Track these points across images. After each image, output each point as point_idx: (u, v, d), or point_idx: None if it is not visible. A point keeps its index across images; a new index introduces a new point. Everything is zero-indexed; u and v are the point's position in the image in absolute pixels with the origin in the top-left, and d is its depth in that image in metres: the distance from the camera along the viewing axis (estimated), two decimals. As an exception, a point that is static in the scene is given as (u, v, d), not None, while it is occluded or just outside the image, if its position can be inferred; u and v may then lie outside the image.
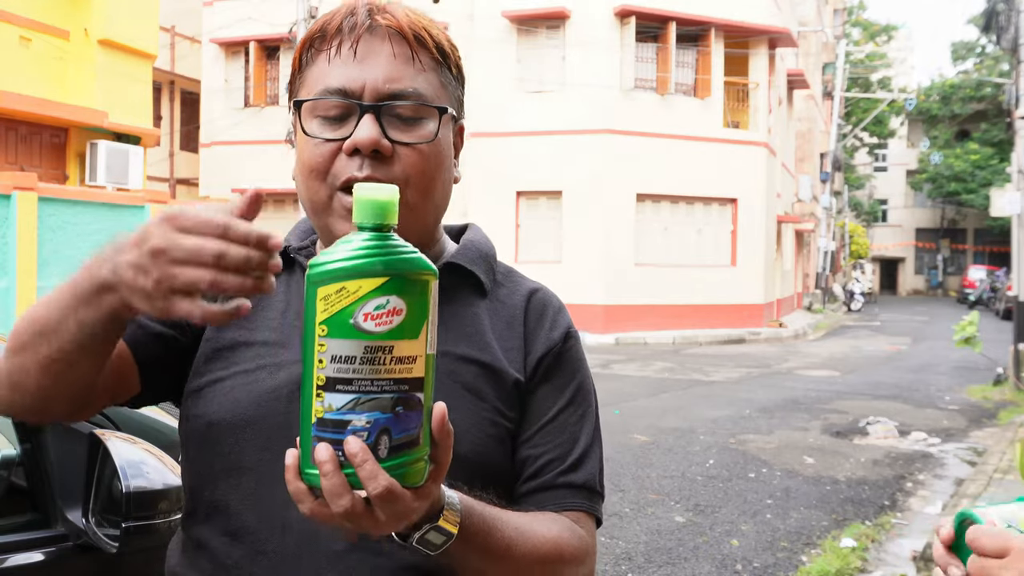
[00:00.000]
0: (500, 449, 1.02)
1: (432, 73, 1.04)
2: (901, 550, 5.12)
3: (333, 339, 0.73)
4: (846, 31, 42.11)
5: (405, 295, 0.74)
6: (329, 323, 0.73)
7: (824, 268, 31.84)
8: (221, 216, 0.77)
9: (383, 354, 0.73)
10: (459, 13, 18.38)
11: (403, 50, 1.02)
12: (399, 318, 0.73)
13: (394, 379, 0.73)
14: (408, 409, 0.74)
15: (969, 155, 41.27)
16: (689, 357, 15.19)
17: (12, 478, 1.87)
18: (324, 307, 0.73)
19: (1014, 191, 12.74)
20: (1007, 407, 10.20)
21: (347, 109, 1.00)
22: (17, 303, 9.75)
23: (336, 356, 0.73)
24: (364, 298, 0.73)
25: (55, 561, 1.73)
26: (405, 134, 1.00)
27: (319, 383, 0.73)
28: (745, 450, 7.54)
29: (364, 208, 0.76)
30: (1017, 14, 12.75)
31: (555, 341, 1.10)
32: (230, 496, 0.99)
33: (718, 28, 18.98)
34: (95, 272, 0.86)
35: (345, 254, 0.74)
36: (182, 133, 22.71)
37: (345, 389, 0.73)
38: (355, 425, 0.72)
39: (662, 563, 4.69)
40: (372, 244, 0.75)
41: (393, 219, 0.76)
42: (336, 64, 1.01)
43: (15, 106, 11.55)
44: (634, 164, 18.20)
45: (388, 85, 1.00)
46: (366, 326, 0.73)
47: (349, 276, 0.73)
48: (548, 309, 1.12)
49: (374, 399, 0.73)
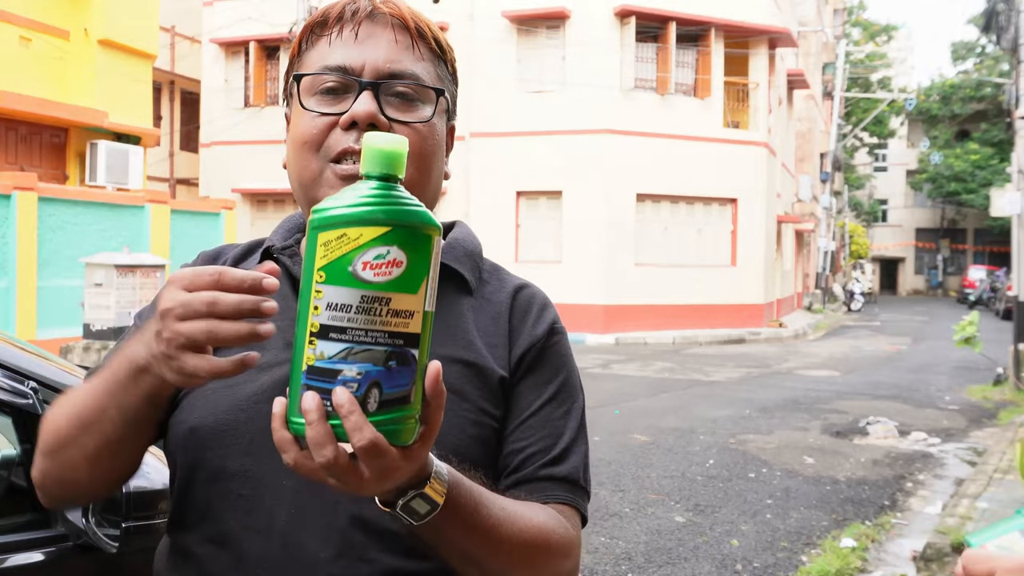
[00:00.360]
0: (482, 449, 1.01)
1: (430, 64, 1.05)
2: (901, 550, 5.12)
3: (330, 286, 0.72)
4: (846, 31, 42.11)
5: (407, 247, 0.73)
6: (327, 269, 0.72)
7: (824, 268, 31.85)
8: (215, 267, 0.78)
9: (380, 305, 0.72)
10: (459, 13, 18.39)
11: (404, 38, 1.03)
12: (399, 270, 0.72)
13: (389, 332, 0.72)
14: (401, 364, 0.73)
15: (969, 155, 41.28)
16: (689, 357, 15.19)
17: (12, 478, 1.87)
18: (324, 253, 0.72)
19: (1014, 191, 12.74)
20: (1007, 407, 10.20)
21: (346, 85, 1.01)
22: (17, 303, 9.75)
23: (332, 303, 0.72)
24: (365, 246, 0.72)
25: (55, 561, 1.73)
26: (402, 113, 1.01)
27: (313, 330, 0.72)
28: (745, 450, 7.54)
29: (372, 156, 0.75)
30: (1017, 14, 12.75)
31: (539, 336, 1.08)
32: (214, 502, 0.98)
33: (718, 28, 18.98)
34: (131, 355, 0.85)
35: (349, 200, 0.73)
36: (182, 133, 22.72)
37: (338, 338, 0.71)
38: (345, 375, 0.71)
39: (662, 563, 4.69)
40: (377, 193, 0.74)
41: (401, 170, 0.75)
42: (337, 45, 1.02)
43: (15, 106, 11.55)
44: (634, 164, 18.20)
45: (388, 65, 1.01)
46: (365, 275, 0.71)
47: (351, 223, 0.72)
48: (533, 305, 1.11)
49: (367, 350, 0.71)
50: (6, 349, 1.86)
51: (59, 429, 0.94)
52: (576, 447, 1.07)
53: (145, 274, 8.99)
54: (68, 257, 10.29)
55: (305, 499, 0.95)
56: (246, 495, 0.96)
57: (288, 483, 0.95)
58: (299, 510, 0.95)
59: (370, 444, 0.71)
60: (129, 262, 8.90)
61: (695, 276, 18.96)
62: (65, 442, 0.93)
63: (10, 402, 1.76)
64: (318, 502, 0.95)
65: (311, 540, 0.94)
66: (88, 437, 0.91)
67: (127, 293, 8.80)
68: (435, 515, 0.83)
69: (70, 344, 8.79)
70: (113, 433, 0.90)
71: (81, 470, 0.94)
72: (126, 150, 12.69)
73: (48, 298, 10.09)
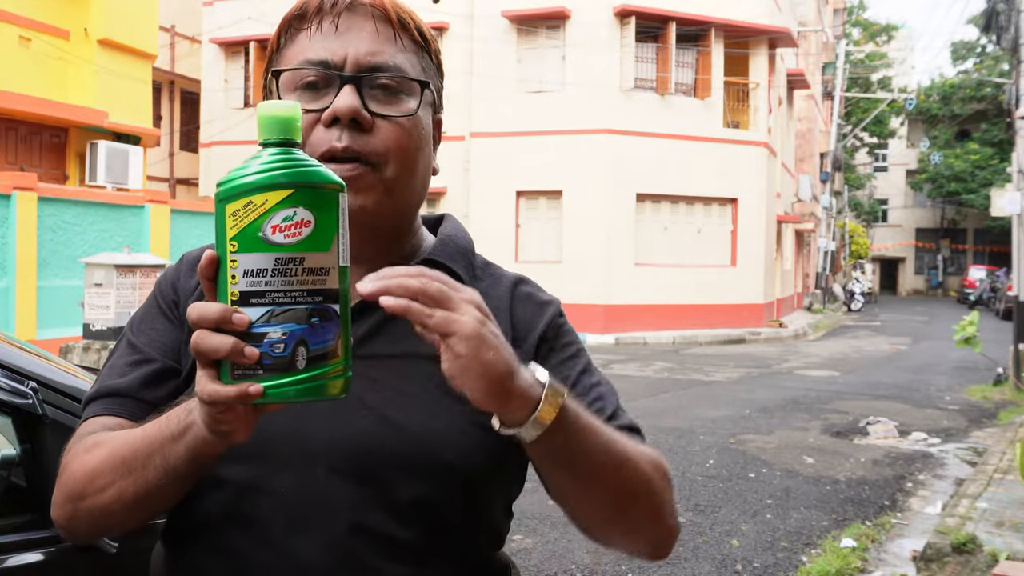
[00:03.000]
0: (488, 453, 0.97)
1: (413, 55, 1.02)
2: (901, 550, 5.12)
3: (244, 254, 0.73)
4: (846, 31, 42.11)
5: (312, 207, 0.74)
6: (239, 238, 0.73)
7: (824, 268, 31.86)
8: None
9: (294, 265, 0.73)
10: (459, 13, 18.39)
11: (386, 29, 1.00)
12: (308, 230, 0.74)
13: (307, 290, 0.74)
14: (324, 320, 0.74)
15: (969, 155, 41.28)
16: (689, 357, 15.19)
17: (12, 478, 1.87)
18: (233, 223, 0.74)
19: (1014, 191, 12.74)
20: (1007, 407, 10.20)
21: (327, 80, 0.98)
22: (17, 303, 9.75)
23: (248, 270, 0.73)
24: (271, 211, 0.73)
25: (55, 561, 1.73)
26: (385, 107, 0.98)
27: (233, 298, 0.73)
28: (745, 450, 7.54)
29: (267, 124, 0.76)
30: (1017, 14, 12.75)
31: (550, 318, 1.08)
32: (210, 511, 0.96)
33: (718, 28, 18.98)
34: (187, 406, 0.85)
35: (251, 169, 0.75)
36: (182, 133, 22.72)
37: (259, 302, 0.73)
38: (271, 337, 0.73)
39: (662, 563, 4.69)
40: (277, 158, 0.75)
41: (296, 135, 0.77)
42: (317, 38, 0.99)
43: (15, 106, 11.55)
44: (634, 164, 18.19)
45: (369, 58, 0.98)
46: (275, 238, 0.73)
47: (255, 190, 0.73)
48: (534, 295, 1.10)
49: (289, 310, 0.73)
50: (6, 349, 1.86)
51: (97, 471, 0.92)
52: (621, 406, 1.08)
53: (145, 274, 8.98)
54: (68, 257, 10.29)
55: (304, 508, 0.93)
56: (243, 505, 0.94)
57: (286, 491, 0.93)
58: (298, 519, 0.93)
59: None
60: (129, 262, 8.89)
61: (695, 276, 18.96)
62: (102, 485, 0.91)
63: (10, 402, 1.76)
64: (317, 511, 0.93)
65: (311, 549, 0.92)
66: (128, 482, 0.89)
67: (127, 293, 8.79)
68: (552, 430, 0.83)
69: (70, 344, 8.79)
70: (155, 482, 0.88)
71: (116, 514, 0.93)
72: (126, 150, 12.69)
73: (48, 298, 10.09)
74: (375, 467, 0.94)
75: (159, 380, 1.02)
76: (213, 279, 0.75)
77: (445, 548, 0.97)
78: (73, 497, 0.94)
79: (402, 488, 0.94)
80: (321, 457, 0.94)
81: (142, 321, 1.07)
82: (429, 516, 0.95)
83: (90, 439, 0.96)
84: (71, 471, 0.95)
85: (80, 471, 0.94)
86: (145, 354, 1.03)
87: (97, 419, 1.01)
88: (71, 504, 0.95)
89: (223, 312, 0.73)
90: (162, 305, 1.06)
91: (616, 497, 0.93)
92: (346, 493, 0.93)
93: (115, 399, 1.02)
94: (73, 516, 0.95)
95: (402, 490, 0.94)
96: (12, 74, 11.59)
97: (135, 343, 1.05)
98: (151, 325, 1.06)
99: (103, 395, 1.02)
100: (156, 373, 1.02)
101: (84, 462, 0.94)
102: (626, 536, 1.00)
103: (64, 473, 0.96)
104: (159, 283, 1.09)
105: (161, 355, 1.03)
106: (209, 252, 0.75)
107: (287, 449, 0.94)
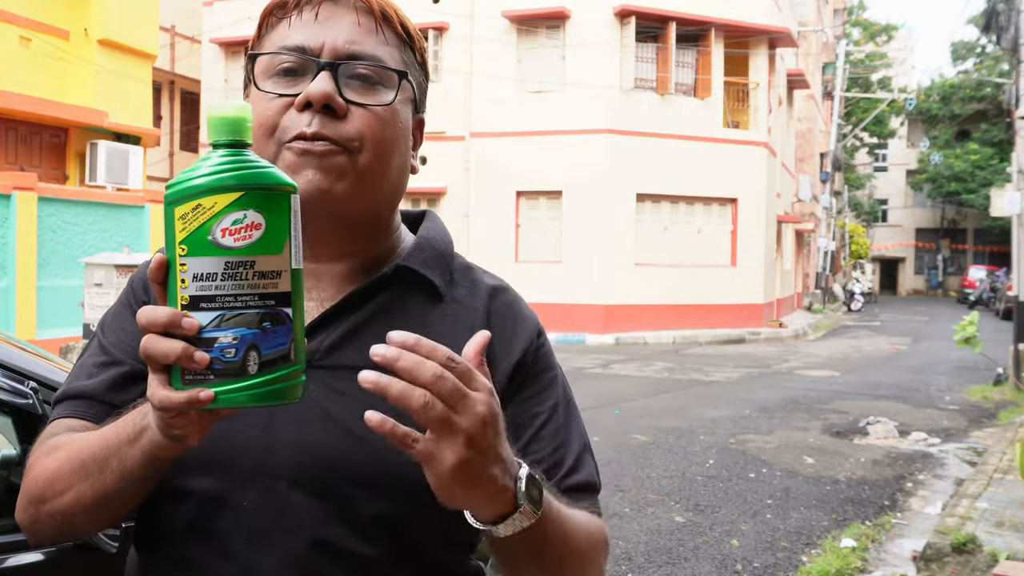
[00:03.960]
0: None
1: (395, 49, 1.00)
2: (901, 550, 5.12)
3: (193, 258, 0.72)
4: (846, 31, 42.11)
5: (263, 209, 0.73)
6: (188, 242, 0.72)
7: (824, 268, 31.85)
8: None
9: (245, 269, 0.72)
10: (459, 13, 18.39)
11: (368, 21, 0.99)
12: (258, 232, 0.73)
13: (259, 294, 0.73)
14: (276, 324, 0.73)
15: (969, 155, 41.28)
16: (689, 357, 15.19)
17: (12, 478, 1.87)
18: (182, 226, 0.72)
19: (1014, 191, 12.74)
20: (1007, 407, 10.20)
21: (303, 66, 0.96)
22: (17, 303, 9.75)
23: (197, 274, 0.72)
24: (220, 213, 0.72)
25: (55, 561, 1.73)
26: (361, 96, 0.96)
27: (183, 302, 0.72)
28: (745, 450, 7.54)
29: (216, 125, 0.74)
30: (1017, 14, 12.75)
31: (527, 344, 1.04)
32: (175, 524, 0.95)
33: (718, 28, 18.98)
34: (142, 408, 0.84)
35: (200, 171, 0.73)
36: (182, 133, 22.72)
37: (209, 307, 0.72)
38: (222, 342, 0.72)
39: (662, 563, 4.69)
40: (225, 160, 0.73)
41: (247, 135, 0.75)
42: (296, 26, 0.98)
43: (15, 106, 11.55)
44: (634, 164, 18.19)
45: (348, 46, 0.96)
46: (224, 242, 0.72)
47: (203, 193, 0.72)
48: (514, 307, 1.06)
49: (239, 315, 0.72)
50: (6, 349, 1.86)
51: (56, 475, 0.91)
52: (585, 449, 1.05)
53: (145, 274, 8.99)
54: (68, 257, 10.29)
55: (264, 522, 0.92)
56: (206, 517, 0.93)
57: (248, 504, 0.92)
58: (258, 533, 0.92)
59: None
60: (129, 262, 8.90)
61: (695, 276, 18.96)
62: (61, 489, 0.91)
63: (10, 402, 1.76)
64: (277, 525, 0.92)
65: (272, 564, 0.91)
66: (87, 486, 0.88)
67: (127, 293, 8.80)
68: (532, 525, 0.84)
69: (70, 344, 8.79)
70: (113, 486, 0.87)
71: (76, 517, 0.92)
72: (126, 150, 12.69)
73: (48, 298, 10.09)
74: (337, 482, 0.92)
75: (126, 383, 1.01)
76: (163, 283, 0.74)
77: (410, 563, 0.96)
78: (35, 500, 0.94)
79: (365, 504, 0.92)
80: (284, 470, 0.92)
81: (113, 320, 1.06)
82: (393, 532, 0.94)
83: (51, 442, 0.96)
84: (33, 475, 0.95)
85: (41, 475, 0.93)
86: (113, 356, 1.02)
87: (62, 421, 1.00)
88: (33, 508, 0.94)
89: (172, 316, 0.72)
90: (133, 305, 1.05)
91: (562, 574, 0.94)
92: (308, 508, 0.92)
93: (81, 401, 1.01)
94: (35, 519, 0.95)
95: (365, 506, 0.92)
96: (12, 74, 11.59)
97: (104, 344, 1.04)
98: (121, 325, 1.04)
99: (70, 396, 1.02)
100: (124, 376, 1.01)
101: (44, 465, 0.93)
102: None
103: (27, 476, 0.96)
104: (131, 281, 1.08)
105: (130, 357, 1.01)
106: (159, 256, 0.75)
107: (251, 462, 0.92)
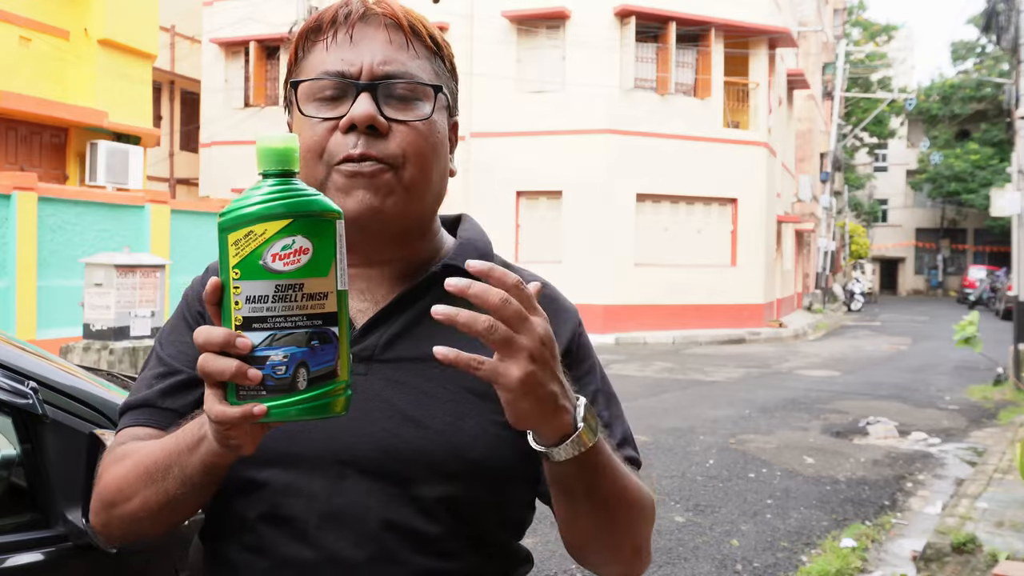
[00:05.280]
0: (512, 451, 1.00)
1: (426, 61, 1.06)
2: (901, 550, 5.12)
3: (246, 281, 0.77)
4: (846, 31, 42.12)
5: (310, 235, 0.78)
6: (241, 266, 0.77)
7: (824, 268, 31.86)
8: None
9: (294, 291, 0.77)
10: (459, 13, 18.38)
11: (398, 37, 1.04)
12: (306, 257, 0.77)
13: (307, 315, 0.78)
14: (324, 343, 0.78)
15: (969, 155, 41.28)
16: (689, 357, 15.19)
17: (12, 478, 1.87)
18: (235, 252, 0.77)
19: (1014, 191, 12.74)
20: (1007, 407, 10.20)
21: (343, 89, 1.01)
22: (17, 303, 9.75)
23: (250, 297, 0.77)
24: (271, 240, 0.77)
25: (55, 561, 1.73)
26: (400, 113, 1.01)
27: (237, 323, 0.77)
28: (745, 450, 7.54)
29: (266, 155, 0.79)
30: (1017, 14, 12.75)
31: (574, 328, 1.11)
32: (246, 513, 1.01)
33: (718, 28, 18.98)
34: (201, 419, 0.89)
35: (251, 200, 0.78)
36: (182, 133, 22.72)
37: (260, 327, 0.77)
38: (273, 360, 0.77)
39: (662, 563, 4.69)
40: (275, 189, 0.78)
41: (294, 165, 0.80)
42: (332, 49, 1.03)
43: (15, 106, 11.55)
44: (634, 164, 18.20)
45: (383, 66, 1.01)
46: (275, 266, 0.77)
47: (255, 220, 0.77)
48: (556, 302, 1.12)
49: (289, 334, 0.77)
50: (6, 349, 1.86)
51: (124, 481, 0.98)
52: (627, 432, 1.13)
53: (145, 274, 8.99)
54: (68, 257, 10.29)
55: (334, 505, 0.98)
56: (278, 505, 0.99)
57: (317, 491, 0.98)
58: (329, 516, 0.98)
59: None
60: (129, 262, 8.90)
61: (695, 276, 18.96)
62: (129, 495, 0.98)
63: (10, 402, 1.76)
64: (346, 508, 0.98)
65: (344, 545, 0.97)
66: (152, 491, 0.95)
67: (127, 293, 8.80)
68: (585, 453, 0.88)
69: (70, 344, 8.79)
70: (175, 491, 0.93)
71: (143, 521, 0.99)
72: (126, 150, 12.69)
73: (48, 298, 10.09)
74: (400, 466, 0.98)
75: (185, 389, 1.07)
76: (218, 304, 0.79)
77: (471, 541, 1.02)
78: (106, 505, 1.01)
79: (428, 486, 0.98)
80: (349, 458, 0.98)
81: (170, 334, 1.13)
82: (455, 511, 1.00)
83: (119, 450, 1.03)
84: (104, 481, 1.02)
85: (111, 482, 1.00)
86: (171, 367, 1.09)
87: (128, 430, 1.07)
88: (105, 512, 1.02)
89: (227, 336, 0.77)
90: (188, 318, 1.12)
91: (614, 528, 0.99)
92: (374, 491, 0.98)
93: (143, 410, 1.08)
94: (107, 523, 1.03)
95: (428, 487, 0.98)
96: (12, 74, 11.59)
97: (162, 356, 1.11)
98: (178, 337, 1.11)
99: (133, 407, 1.09)
100: (182, 383, 1.08)
101: (114, 473, 1.01)
102: (607, 562, 1.05)
103: (99, 483, 1.04)
104: (186, 295, 1.15)
105: (187, 366, 1.07)
106: (214, 279, 0.79)
107: (317, 452, 0.99)
